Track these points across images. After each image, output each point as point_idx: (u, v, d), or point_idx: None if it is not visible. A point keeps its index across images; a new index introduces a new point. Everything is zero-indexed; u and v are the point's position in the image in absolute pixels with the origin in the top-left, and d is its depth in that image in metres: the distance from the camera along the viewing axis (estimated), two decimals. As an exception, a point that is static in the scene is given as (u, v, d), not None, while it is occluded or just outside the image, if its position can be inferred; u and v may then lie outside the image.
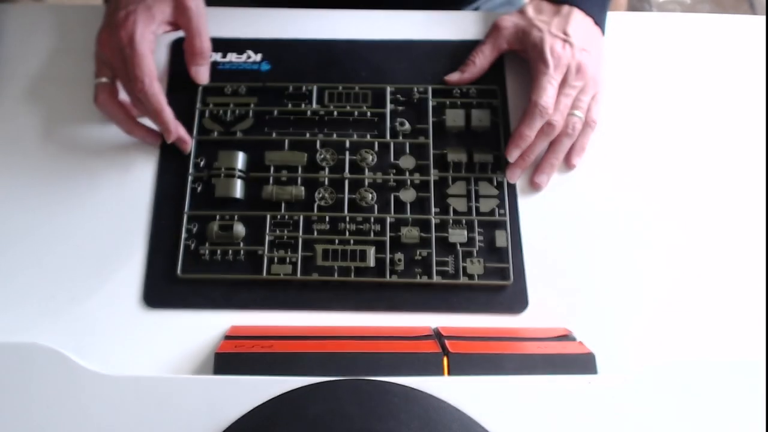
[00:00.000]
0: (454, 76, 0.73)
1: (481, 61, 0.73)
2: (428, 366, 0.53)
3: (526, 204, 0.68)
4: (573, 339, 0.59)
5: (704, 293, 0.65)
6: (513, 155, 0.68)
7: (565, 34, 0.70)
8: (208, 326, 0.62)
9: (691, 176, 0.70)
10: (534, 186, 0.69)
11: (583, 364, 0.54)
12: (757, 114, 0.74)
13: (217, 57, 0.74)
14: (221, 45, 0.74)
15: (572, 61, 0.69)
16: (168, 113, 0.66)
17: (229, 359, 0.54)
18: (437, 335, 0.59)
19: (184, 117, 0.70)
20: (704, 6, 1.99)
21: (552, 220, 0.68)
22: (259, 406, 0.51)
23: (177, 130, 0.67)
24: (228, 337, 0.59)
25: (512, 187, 0.69)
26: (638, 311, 0.64)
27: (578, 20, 0.71)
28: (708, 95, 0.75)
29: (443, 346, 0.55)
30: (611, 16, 0.76)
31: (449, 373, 0.53)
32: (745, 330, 0.63)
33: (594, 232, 0.67)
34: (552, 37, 0.70)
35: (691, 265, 0.66)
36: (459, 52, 0.75)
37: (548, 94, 0.68)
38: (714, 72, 0.76)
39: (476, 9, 0.94)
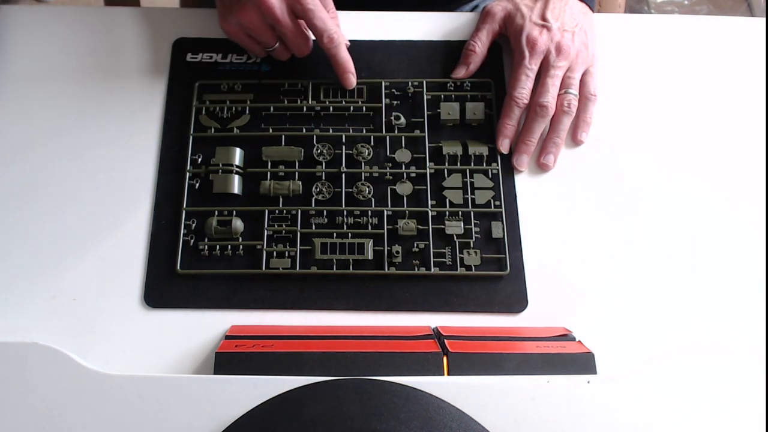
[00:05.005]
0: (460, 72, 0.71)
1: (480, 48, 0.71)
2: (428, 366, 0.51)
3: (525, 203, 0.66)
4: (572, 338, 0.57)
5: (705, 293, 0.62)
6: (503, 145, 0.68)
7: (544, 19, 0.70)
8: (208, 326, 0.59)
9: (691, 177, 0.68)
10: (541, 167, 0.68)
11: (582, 363, 0.52)
12: (756, 115, 0.71)
13: (218, 58, 0.72)
14: (222, 45, 0.71)
15: (551, 44, 0.68)
16: (350, 59, 0.68)
17: (230, 359, 0.52)
18: (437, 335, 0.56)
19: (182, 114, 0.68)
20: (702, 8, 1.96)
21: (551, 220, 0.65)
22: (259, 406, 0.49)
23: (353, 69, 0.69)
24: (228, 337, 0.56)
25: (509, 180, 0.67)
26: (638, 311, 0.61)
27: (560, 2, 0.71)
28: (707, 97, 0.72)
29: (443, 346, 0.53)
30: (609, 18, 0.75)
31: (449, 373, 0.51)
32: (745, 330, 0.60)
33: (594, 232, 0.65)
34: (531, 24, 0.69)
35: (691, 264, 0.64)
36: (458, 52, 0.73)
37: (522, 84, 0.68)
38: (712, 74, 0.73)
39: (475, 7, 0.92)
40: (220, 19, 0.68)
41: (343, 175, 0.66)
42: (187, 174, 0.65)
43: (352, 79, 0.68)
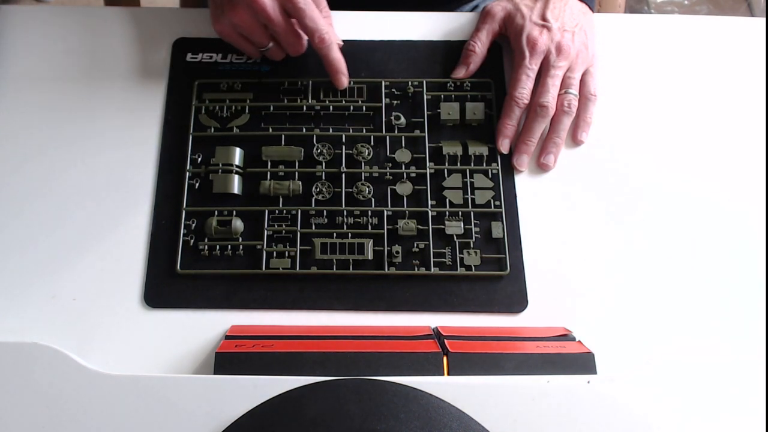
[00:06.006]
0: (460, 72, 0.71)
1: (480, 48, 0.71)
2: (428, 366, 0.51)
3: (525, 203, 0.66)
4: (572, 338, 0.57)
5: (705, 293, 0.62)
6: (503, 145, 0.67)
7: (544, 19, 0.69)
8: (208, 326, 0.59)
9: (691, 177, 0.68)
10: (541, 167, 0.68)
11: (582, 363, 0.51)
12: (756, 115, 0.71)
13: (217, 57, 0.72)
14: (222, 45, 0.71)
15: (551, 44, 0.68)
16: (342, 59, 0.68)
17: (230, 359, 0.52)
18: (437, 335, 0.56)
19: (182, 114, 0.68)
20: (702, 8, 1.96)
21: (551, 220, 0.65)
22: (259, 406, 0.49)
23: (345, 69, 0.68)
24: (228, 337, 0.56)
25: (509, 180, 0.67)
26: (638, 311, 0.61)
27: (560, 2, 0.71)
28: (707, 97, 0.72)
29: (443, 346, 0.53)
30: (609, 18, 0.75)
31: (449, 373, 0.51)
32: (745, 330, 0.60)
33: (594, 232, 0.65)
34: (531, 24, 0.69)
35: (691, 264, 0.63)
36: (458, 52, 0.72)
37: (522, 84, 0.68)
38: (712, 74, 0.73)
39: (475, 7, 0.92)
40: (212, 20, 0.67)
41: (343, 175, 0.65)
42: (187, 174, 0.65)
43: (344, 80, 0.68)
